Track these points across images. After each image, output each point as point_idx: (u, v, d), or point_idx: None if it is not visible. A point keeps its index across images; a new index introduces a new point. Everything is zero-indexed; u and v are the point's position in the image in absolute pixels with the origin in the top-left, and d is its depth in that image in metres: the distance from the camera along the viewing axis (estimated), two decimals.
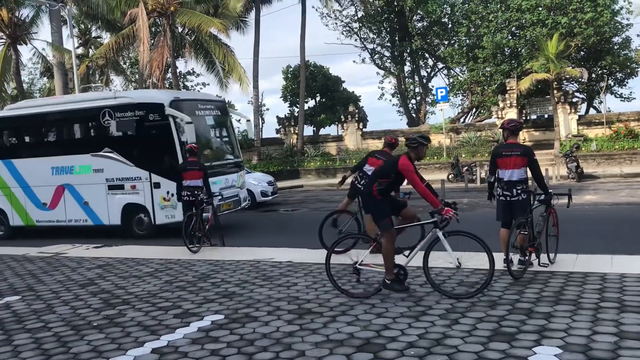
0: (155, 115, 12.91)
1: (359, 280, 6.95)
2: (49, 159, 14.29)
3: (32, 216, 14.56)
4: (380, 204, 6.59)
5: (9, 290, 8.19)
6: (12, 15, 28.27)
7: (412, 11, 38.05)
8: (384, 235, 6.51)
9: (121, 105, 13.45)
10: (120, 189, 13.44)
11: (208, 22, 27.81)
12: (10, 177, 14.82)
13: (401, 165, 6.42)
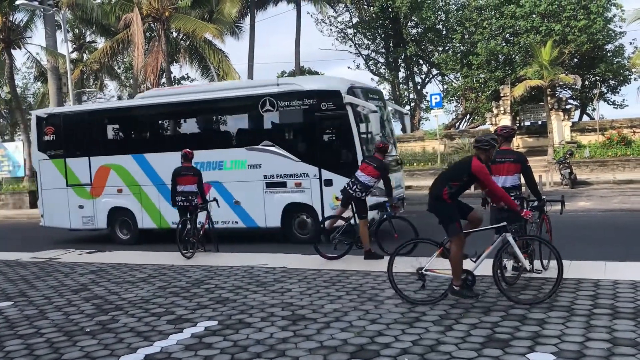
0: (329, 103, 11.51)
1: (424, 286, 6.68)
2: None
3: (168, 218, 12.75)
4: (450, 208, 6.43)
5: (1, 295, 8.14)
6: (6, 19, 28.24)
7: (407, 18, 38.20)
8: (453, 240, 6.31)
9: (286, 93, 12.04)
10: (282, 186, 11.99)
11: (203, 27, 27.84)
12: (142, 173, 13.32)
13: (475, 168, 6.24)
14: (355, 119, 11.37)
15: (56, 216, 14.27)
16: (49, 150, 14.34)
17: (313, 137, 11.86)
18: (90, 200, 13.81)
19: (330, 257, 9.29)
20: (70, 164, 13.82)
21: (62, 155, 14.06)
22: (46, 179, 14.29)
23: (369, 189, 9.24)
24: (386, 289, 7.15)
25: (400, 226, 9.63)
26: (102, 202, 13.76)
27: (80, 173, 13.92)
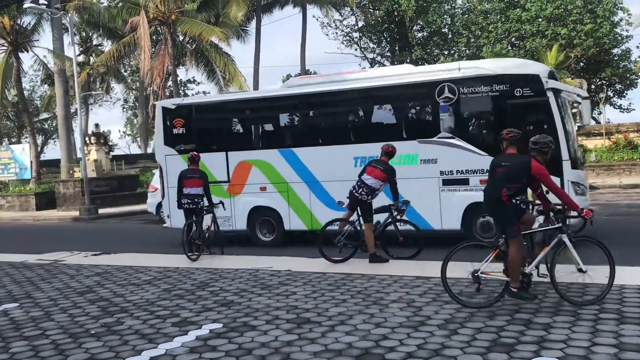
0: (525, 89, 10.10)
1: (479, 289, 6.55)
2: (350, 147, 11.63)
3: (320, 218, 11.34)
4: (509, 210, 6.37)
5: (7, 297, 8.17)
6: (14, 22, 28.43)
7: (413, 21, 38.23)
8: (512, 241, 6.22)
9: (470, 79, 10.74)
10: (463, 184, 10.65)
11: (209, 31, 27.96)
12: (290, 170, 12.01)
13: (536, 169, 6.20)
14: (559, 108, 9.99)
15: None
16: (177, 145, 13.07)
17: (503, 128, 10.03)
18: (227, 199, 12.34)
19: (335, 260, 9.28)
20: (204, 160, 11.95)
21: (194, 150, 12.32)
22: (174, 176, 12.08)
23: (375, 192, 9.23)
24: (391, 292, 7.14)
25: (405, 230, 9.61)
26: (241, 201, 12.53)
27: (216, 170, 12.53)
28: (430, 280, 7.67)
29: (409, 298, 6.83)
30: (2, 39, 28.76)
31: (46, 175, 31.75)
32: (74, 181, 26.64)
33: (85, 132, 35.29)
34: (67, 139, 29.63)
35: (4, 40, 28.87)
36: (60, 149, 29.87)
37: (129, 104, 54.41)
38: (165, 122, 13.41)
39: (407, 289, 7.27)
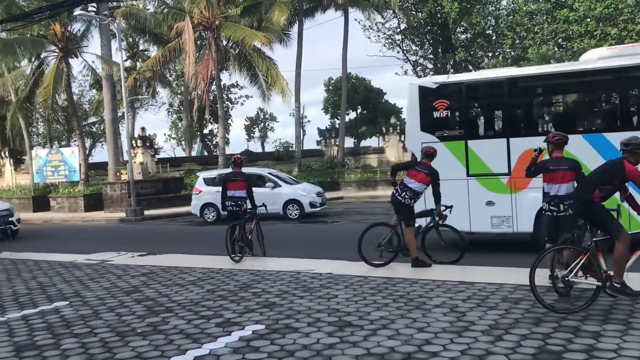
0: None
1: (569, 294, 6.52)
2: None
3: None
4: (604, 210, 6.34)
5: (58, 295, 8.43)
6: (65, 29, 29.31)
7: (456, 23, 37.78)
8: (621, 239, 6.14)
9: None
10: None
11: (252, 35, 28.26)
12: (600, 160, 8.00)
13: (630, 172, 6.13)
14: None
15: None
16: (439, 131, 11.20)
17: None
18: (507, 194, 10.48)
19: (376, 265, 9.23)
20: (476, 148, 10.62)
21: (462, 136, 10.92)
22: None
23: (418, 195, 9.16)
24: (434, 297, 7.06)
25: (448, 235, 9.50)
26: (527, 197, 10.23)
27: (492, 159, 10.65)
28: (474, 285, 7.58)
29: (453, 303, 6.75)
30: (54, 45, 29.66)
31: (94, 177, 32.61)
32: (120, 183, 27.30)
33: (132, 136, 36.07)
34: (114, 142, 30.38)
35: (55, 47, 29.77)
36: (108, 152, 30.63)
37: (174, 108, 55.46)
38: (422, 104, 11.38)
39: (451, 294, 7.18)
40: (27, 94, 32.05)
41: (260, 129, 62.81)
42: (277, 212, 19.08)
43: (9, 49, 27.92)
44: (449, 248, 9.33)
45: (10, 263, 12.01)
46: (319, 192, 20.66)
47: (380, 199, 24.94)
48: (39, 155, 32.75)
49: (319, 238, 15.03)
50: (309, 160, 35.51)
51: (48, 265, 11.39)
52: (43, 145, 49.76)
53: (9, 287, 9.34)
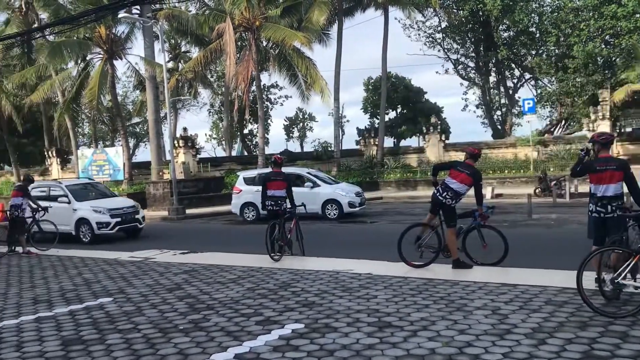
0: None
1: (617, 298, 6.40)
2: None
3: None
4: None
5: (103, 292, 8.64)
6: (109, 32, 30.02)
7: (498, 21, 37.17)
8: None
9: None
10: None
11: (292, 35, 28.40)
12: None
13: None
14: None
15: None
16: None
17: None
18: None
19: (416, 265, 9.15)
20: None
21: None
22: None
23: (460, 196, 9.03)
24: (475, 299, 6.96)
25: (489, 235, 9.34)
26: None
27: None
28: (516, 287, 7.43)
29: (495, 305, 6.64)
30: (99, 47, 30.42)
31: (137, 176, 33.31)
32: (163, 182, 27.81)
33: (174, 136, 36.72)
34: (157, 142, 30.98)
35: (100, 49, 30.52)
36: (151, 151, 31.26)
37: (215, 108, 56.17)
38: None
39: (492, 296, 7.07)
40: (73, 95, 32.95)
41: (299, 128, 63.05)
42: (315, 212, 19.12)
43: (57, 52, 28.76)
44: (491, 249, 9.17)
45: (57, 260, 12.37)
46: (357, 192, 20.61)
47: (420, 199, 24.76)
48: (85, 154, 33.65)
49: (358, 238, 14.99)
50: (348, 160, 35.47)
51: (93, 262, 11.69)
52: (88, 145, 51.15)
53: (56, 282, 9.62)
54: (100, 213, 16.70)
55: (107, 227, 16.61)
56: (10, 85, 34.41)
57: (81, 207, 16.96)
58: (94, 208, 16.86)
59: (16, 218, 13.73)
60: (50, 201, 16.60)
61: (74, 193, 17.42)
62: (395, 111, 44.45)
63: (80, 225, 16.83)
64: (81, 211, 16.85)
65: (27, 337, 6.31)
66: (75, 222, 16.83)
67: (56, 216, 15.65)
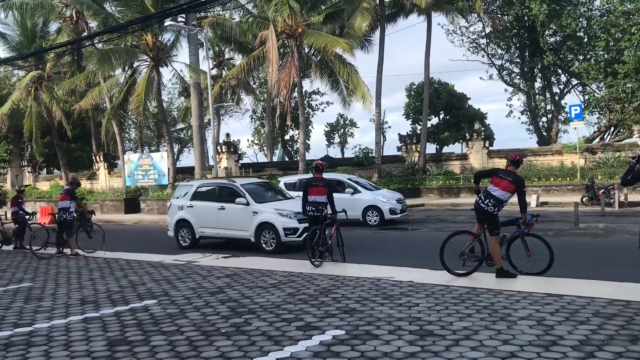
0: None
1: None
2: None
3: None
4: None
5: (148, 294, 8.81)
6: (156, 39, 30.71)
7: (544, 26, 36.44)
8: None
9: None
10: None
11: (334, 42, 28.46)
12: None
13: None
14: None
15: None
16: None
17: None
18: None
19: (459, 274, 9.03)
20: None
21: None
22: None
23: (502, 203, 8.88)
24: (520, 309, 6.82)
25: (534, 244, 9.15)
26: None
27: None
28: (562, 298, 7.26)
29: (539, 316, 6.49)
30: (145, 54, 31.14)
31: (181, 181, 33.89)
32: None
33: (217, 141, 37.30)
34: (200, 148, 31.47)
35: (146, 56, 31.24)
36: (195, 157, 31.77)
37: (257, 114, 56.77)
38: None
39: (537, 306, 6.91)
40: (120, 101, 33.82)
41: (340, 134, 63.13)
42: (356, 218, 19.07)
43: (105, 59, 29.57)
44: (535, 258, 8.97)
45: (103, 262, 12.69)
46: (399, 198, 20.46)
47: (463, 207, 24.41)
48: (131, 159, 34.44)
49: (399, 245, 14.88)
50: (389, 166, 35.27)
51: (138, 265, 11.94)
52: (134, 150, 52.35)
53: (103, 284, 9.87)
54: (287, 217, 13.92)
55: (295, 233, 13.75)
56: (61, 91, 35.57)
57: (262, 209, 14.32)
58: (279, 211, 14.14)
59: (64, 221, 14.13)
60: (222, 202, 14.97)
61: (251, 193, 14.78)
62: (438, 117, 44.03)
63: (262, 231, 14.16)
64: (263, 214, 14.18)
65: (75, 336, 6.49)
66: (255, 227, 14.19)
67: (230, 220, 14.47)
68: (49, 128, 38.64)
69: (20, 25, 36.27)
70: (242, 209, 14.40)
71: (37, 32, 37.05)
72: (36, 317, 7.54)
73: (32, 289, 9.74)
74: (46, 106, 36.68)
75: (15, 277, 11.16)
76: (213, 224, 15.02)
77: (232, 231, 14.71)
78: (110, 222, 25.83)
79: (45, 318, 7.48)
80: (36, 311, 7.93)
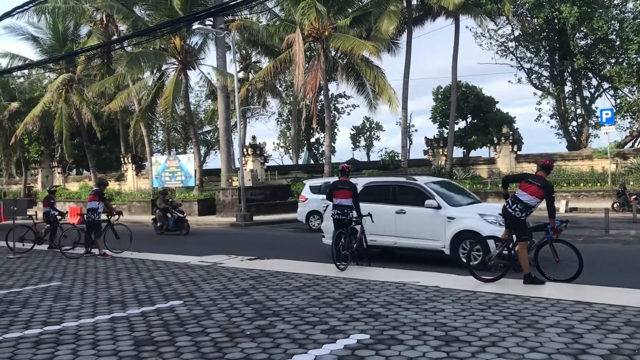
0: None
1: None
2: None
3: None
4: None
5: (173, 295, 8.88)
6: (184, 42, 31.06)
7: (575, 28, 35.93)
8: None
9: None
10: None
11: (360, 45, 28.44)
12: None
13: None
14: None
15: None
16: None
17: None
18: None
19: (486, 280, 8.92)
20: None
21: None
22: None
23: (530, 209, 8.75)
24: (548, 316, 6.70)
25: (562, 251, 8.97)
26: None
27: None
28: (592, 305, 7.11)
29: (568, 323, 6.37)
30: (174, 57, 31.52)
31: (207, 183, 34.20)
32: (232, 189, 28.42)
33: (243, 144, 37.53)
34: (227, 150, 31.71)
35: (174, 59, 31.62)
36: (221, 159, 32.04)
37: (283, 117, 57.03)
38: None
39: (566, 314, 6.79)
40: (148, 103, 34.27)
41: (365, 138, 63.01)
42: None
43: (134, 62, 30.02)
44: (564, 265, 8.80)
45: (130, 262, 12.84)
46: None
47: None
48: (158, 161, 34.85)
49: None
50: (415, 169, 35.09)
51: (164, 266, 12.05)
52: (162, 152, 53.01)
53: (130, 284, 9.98)
54: (495, 224, 10.86)
55: None
56: (91, 94, 36.19)
57: (460, 214, 11.62)
58: (484, 217, 11.37)
59: (92, 221, 14.34)
60: (401, 205, 12.36)
61: (441, 194, 12.11)
62: (465, 121, 43.69)
63: (461, 241, 11.31)
64: (463, 220, 11.45)
65: (102, 335, 6.57)
66: (452, 236, 11.43)
67: (413, 227, 12.00)
68: (79, 130, 39.31)
69: (53, 28, 37.01)
70: (431, 214, 11.79)
71: (69, 36, 37.78)
72: (65, 316, 7.65)
73: (61, 288, 9.90)
74: (76, 108, 37.35)
75: (45, 276, 11.36)
76: (388, 232, 12.31)
77: (416, 240, 12.04)
78: (138, 223, 26.14)
79: (74, 317, 7.59)
80: (65, 310, 8.05)
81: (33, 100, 41.46)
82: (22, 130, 38.50)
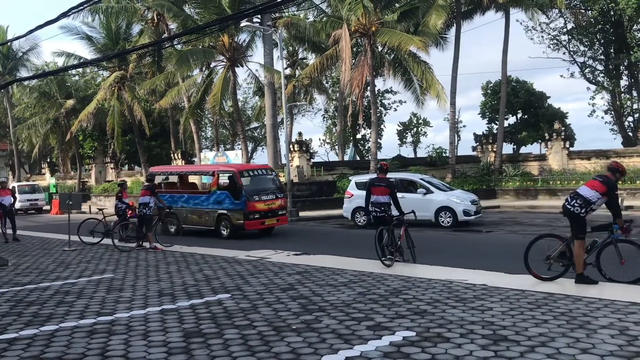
0: None
1: None
2: None
3: None
4: None
5: (221, 288, 9.04)
6: (232, 40, 31.40)
7: (632, 20, 34.63)
8: None
9: None
10: None
11: (408, 40, 28.15)
12: None
13: None
14: None
15: None
16: None
17: None
18: None
19: (543, 278, 8.69)
20: None
21: None
22: None
23: (590, 205, 8.41)
24: (600, 317, 6.52)
25: (628, 251, 8.51)
26: None
27: None
28: None
29: (622, 325, 6.18)
30: (222, 55, 31.89)
31: None
32: None
33: (290, 140, 37.73)
34: (273, 146, 31.96)
35: (223, 57, 32.01)
36: (268, 155, 32.32)
37: (329, 113, 57.01)
38: None
39: (620, 315, 6.58)
40: (197, 100, 34.80)
41: (412, 134, 62.41)
42: (428, 219, 18.82)
43: (184, 60, 30.54)
44: (629, 266, 8.44)
45: (180, 256, 13.12)
46: (473, 200, 19.97)
47: (541, 209, 23.61)
48: (207, 157, 35.39)
49: (472, 248, 14.54)
50: (463, 166, 34.55)
51: (213, 260, 12.27)
52: (210, 148, 53.85)
53: (179, 277, 10.21)
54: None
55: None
56: (142, 91, 37.02)
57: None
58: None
59: (144, 215, 14.71)
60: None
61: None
62: (515, 116, 42.73)
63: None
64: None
65: (153, 327, 6.75)
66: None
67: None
68: (130, 126, 40.27)
69: (106, 27, 37.99)
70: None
71: (121, 35, 38.70)
72: (117, 307, 7.90)
73: (114, 279, 10.21)
74: (128, 105, 38.27)
75: (98, 268, 11.73)
76: None
77: None
78: None
79: (125, 308, 7.82)
80: (117, 301, 8.30)
81: (87, 98, 42.69)
82: (77, 127, 39.69)
